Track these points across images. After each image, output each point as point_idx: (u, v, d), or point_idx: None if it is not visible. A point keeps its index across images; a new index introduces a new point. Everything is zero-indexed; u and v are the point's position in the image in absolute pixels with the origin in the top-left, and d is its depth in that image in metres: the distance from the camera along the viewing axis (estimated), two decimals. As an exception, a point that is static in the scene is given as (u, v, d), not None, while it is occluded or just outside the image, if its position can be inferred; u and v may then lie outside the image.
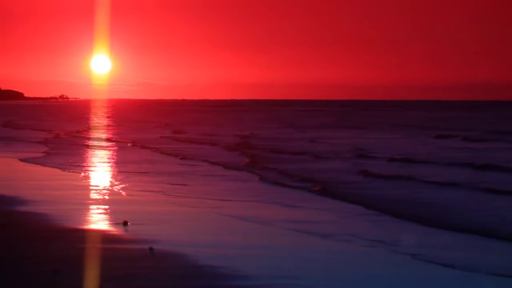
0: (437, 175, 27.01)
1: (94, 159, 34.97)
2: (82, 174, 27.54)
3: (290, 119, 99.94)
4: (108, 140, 51.15)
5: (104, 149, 41.76)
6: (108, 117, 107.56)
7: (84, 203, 19.86)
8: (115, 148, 43.07)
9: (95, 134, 59.51)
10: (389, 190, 23.20)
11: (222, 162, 32.37)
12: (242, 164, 31.63)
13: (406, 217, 17.75)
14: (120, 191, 22.58)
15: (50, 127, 69.14)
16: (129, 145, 45.61)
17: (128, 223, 16.43)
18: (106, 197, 21.28)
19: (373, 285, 11.68)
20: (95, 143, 47.60)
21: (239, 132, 59.76)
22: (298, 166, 30.52)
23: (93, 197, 21.29)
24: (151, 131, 64.75)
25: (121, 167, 30.56)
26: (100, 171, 29.30)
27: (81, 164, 31.12)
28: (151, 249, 13.65)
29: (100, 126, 76.27)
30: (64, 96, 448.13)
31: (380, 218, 17.98)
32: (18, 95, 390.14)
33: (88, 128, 69.21)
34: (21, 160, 33.46)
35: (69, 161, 32.68)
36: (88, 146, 44.00)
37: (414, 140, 49.63)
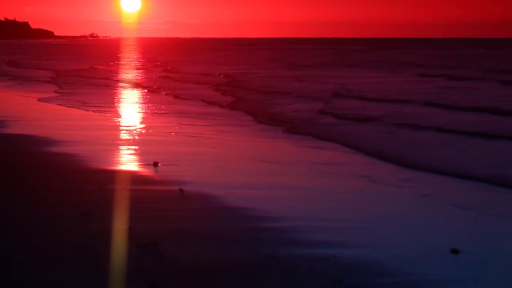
0: (411, 116, 26.03)
1: (106, 99, 34.18)
2: (100, 114, 27.04)
3: (294, 57, 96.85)
4: (106, 79, 50.50)
5: (105, 89, 41.18)
6: (117, 56, 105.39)
7: (111, 144, 19.30)
8: (114, 88, 42.34)
9: (95, 73, 58.74)
10: (365, 131, 22.50)
11: (217, 102, 32.02)
12: (227, 103, 31.15)
13: (393, 160, 17.10)
14: (142, 131, 22.10)
15: (54, 66, 68.42)
16: (125, 84, 45.10)
17: (159, 164, 15.97)
18: (132, 137, 20.67)
19: (396, 223, 11.55)
20: (95, 82, 46.96)
21: (233, 70, 59.11)
22: (278, 107, 29.84)
23: (121, 137, 20.67)
24: (151, 70, 64.23)
25: (126, 108, 30.29)
26: (115, 112, 28.64)
27: (90, 104, 30.60)
28: (181, 190, 13.30)
29: (103, 65, 75.06)
30: (94, 34, 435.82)
31: (375, 161, 17.25)
32: (48, 34, 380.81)
33: (91, 68, 68.28)
34: (40, 100, 32.77)
35: (77, 100, 32.24)
36: (88, 85, 43.32)
37: (401, 80, 48.93)
